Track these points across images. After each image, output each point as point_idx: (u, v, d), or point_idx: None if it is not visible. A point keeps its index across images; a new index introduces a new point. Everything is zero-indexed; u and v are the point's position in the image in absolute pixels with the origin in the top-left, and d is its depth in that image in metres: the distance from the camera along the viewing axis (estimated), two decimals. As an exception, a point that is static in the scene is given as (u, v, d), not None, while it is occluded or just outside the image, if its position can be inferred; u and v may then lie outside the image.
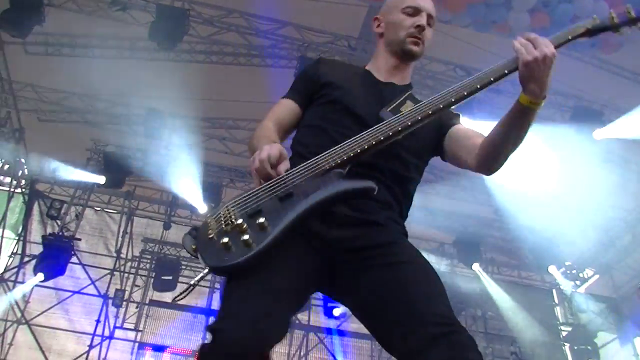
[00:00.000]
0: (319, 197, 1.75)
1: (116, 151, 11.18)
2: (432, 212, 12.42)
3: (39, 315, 10.95)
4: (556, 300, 14.50)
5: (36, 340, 10.69)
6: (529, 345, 12.90)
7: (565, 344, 13.30)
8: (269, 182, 1.81)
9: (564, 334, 13.53)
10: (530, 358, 12.92)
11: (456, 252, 12.63)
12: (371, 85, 2.25)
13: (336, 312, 11.26)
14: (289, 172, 1.84)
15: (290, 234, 1.70)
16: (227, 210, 1.77)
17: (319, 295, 2.20)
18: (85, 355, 10.24)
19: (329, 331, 12.09)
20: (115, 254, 11.82)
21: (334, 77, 2.25)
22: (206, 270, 1.70)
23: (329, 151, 1.87)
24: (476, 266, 12.68)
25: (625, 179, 11.17)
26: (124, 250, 11.88)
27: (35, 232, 11.49)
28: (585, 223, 12.41)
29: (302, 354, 11.98)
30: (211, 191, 11.11)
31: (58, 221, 10.86)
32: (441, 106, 1.90)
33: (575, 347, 12.63)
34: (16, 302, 10.86)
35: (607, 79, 9.75)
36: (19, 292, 10.92)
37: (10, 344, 10.61)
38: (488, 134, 2.00)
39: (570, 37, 1.96)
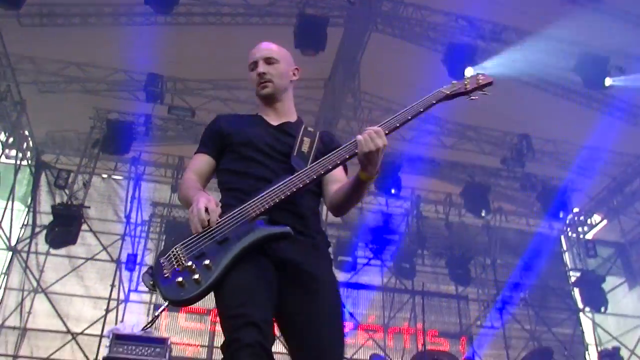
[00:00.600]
0: (249, 240, 2.19)
1: (119, 118, 11.16)
2: (438, 163, 12.43)
3: (54, 283, 11.15)
4: (564, 247, 14.59)
5: (54, 307, 10.93)
6: (538, 292, 13.07)
7: (575, 289, 13.42)
8: (207, 229, 2.19)
9: (572, 279, 13.64)
10: (539, 302, 13.12)
11: (464, 202, 12.64)
12: (267, 128, 2.66)
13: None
14: (224, 219, 2.24)
15: (229, 270, 2.13)
16: (176, 253, 2.16)
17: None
18: (102, 320, 10.48)
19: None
20: (124, 219, 11.93)
21: (235, 128, 2.67)
22: (166, 303, 2.12)
23: (255, 199, 2.28)
24: (484, 213, 12.65)
25: (633, 124, 11.06)
26: (133, 215, 11.96)
27: (45, 203, 11.59)
28: (593, 170, 12.38)
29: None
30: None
31: (66, 190, 10.94)
32: (338, 162, 2.36)
33: (584, 292, 12.73)
34: (31, 272, 11.06)
35: (615, 26, 9.53)
36: (32, 261, 11.13)
37: (29, 313, 10.84)
38: (337, 191, 2.50)
39: (434, 102, 2.43)
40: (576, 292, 13.41)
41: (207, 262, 2.09)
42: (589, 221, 14.22)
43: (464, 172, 12.60)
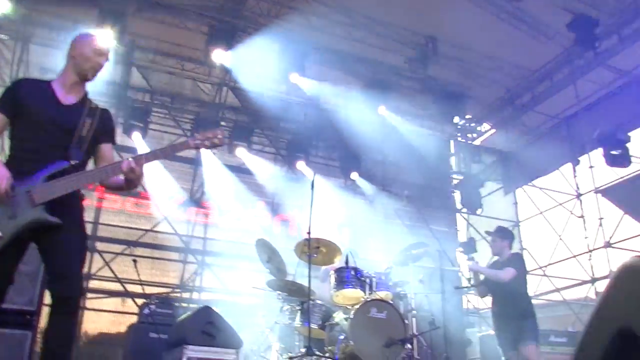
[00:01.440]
0: (28, 219, 2.98)
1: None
2: (343, 54, 12.22)
3: None
4: (452, 151, 15.21)
5: None
6: (422, 190, 13.65)
7: (455, 191, 14.17)
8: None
9: (455, 182, 14.35)
10: (421, 201, 13.74)
11: (364, 97, 12.64)
12: (57, 107, 3.23)
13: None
14: (15, 196, 2.97)
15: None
16: None
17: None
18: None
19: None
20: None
21: (27, 98, 3.16)
22: None
23: (41, 186, 3.01)
24: (382, 110, 12.78)
25: (535, 39, 11.33)
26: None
27: None
28: (489, 80, 12.74)
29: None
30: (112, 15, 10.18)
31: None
32: (106, 176, 3.24)
33: (464, 194, 13.47)
34: None
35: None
36: None
37: None
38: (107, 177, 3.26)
39: (176, 152, 3.43)
40: (457, 194, 14.19)
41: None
42: (478, 128, 14.83)
43: (368, 68, 12.53)
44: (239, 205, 11.97)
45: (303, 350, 5.28)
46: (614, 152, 11.14)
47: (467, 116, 14.20)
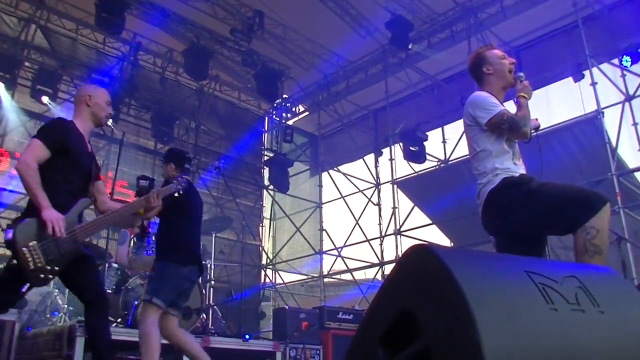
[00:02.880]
0: (73, 254, 3.43)
1: None
2: (167, 13, 11.75)
3: None
4: (266, 128, 15.43)
5: None
6: (233, 163, 13.69)
7: (265, 167, 14.42)
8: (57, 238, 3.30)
9: (265, 158, 14.60)
10: (230, 173, 13.79)
11: (184, 61, 12.29)
12: (86, 151, 3.76)
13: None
14: (68, 234, 3.38)
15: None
16: (37, 250, 3.25)
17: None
18: None
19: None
20: None
21: (74, 142, 3.61)
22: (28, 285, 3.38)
23: (82, 226, 3.51)
24: (201, 77, 12.51)
25: (356, 32, 11.86)
26: None
27: None
28: (309, 64, 13.10)
29: None
30: None
31: None
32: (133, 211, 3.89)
33: (272, 172, 13.75)
34: None
35: None
36: None
37: None
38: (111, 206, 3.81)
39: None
40: (266, 171, 14.45)
41: (56, 268, 3.31)
42: (293, 109, 15.19)
43: (192, 31, 12.20)
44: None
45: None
46: (412, 149, 12.12)
47: (284, 96, 14.48)
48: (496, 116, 3.04)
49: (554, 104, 10.66)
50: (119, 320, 5.34)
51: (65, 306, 5.57)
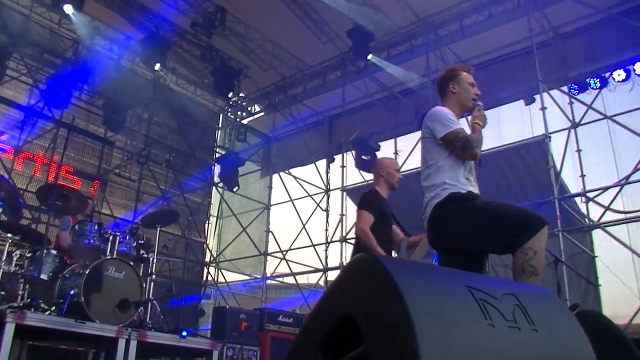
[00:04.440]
0: None
1: None
2: (128, 1, 11.55)
3: None
4: (220, 125, 15.32)
5: None
6: (183, 157, 13.53)
7: (216, 164, 14.31)
8: None
9: (217, 155, 14.50)
10: (180, 168, 13.61)
11: (141, 49, 12.06)
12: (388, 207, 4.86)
13: None
14: None
15: None
16: None
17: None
18: None
19: None
20: None
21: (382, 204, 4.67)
22: None
23: None
24: (157, 67, 12.31)
25: (317, 37, 11.91)
26: None
27: None
28: (267, 64, 13.09)
29: None
30: None
31: None
32: None
33: (223, 170, 13.66)
34: None
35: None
36: None
37: None
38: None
39: None
40: (217, 168, 14.34)
41: None
42: (249, 108, 15.13)
43: (152, 21, 12.00)
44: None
45: (28, 300, 4.93)
46: (364, 157, 12.22)
47: (241, 94, 14.41)
48: (452, 132, 3.10)
49: (504, 125, 10.93)
50: (53, 308, 5.18)
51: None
